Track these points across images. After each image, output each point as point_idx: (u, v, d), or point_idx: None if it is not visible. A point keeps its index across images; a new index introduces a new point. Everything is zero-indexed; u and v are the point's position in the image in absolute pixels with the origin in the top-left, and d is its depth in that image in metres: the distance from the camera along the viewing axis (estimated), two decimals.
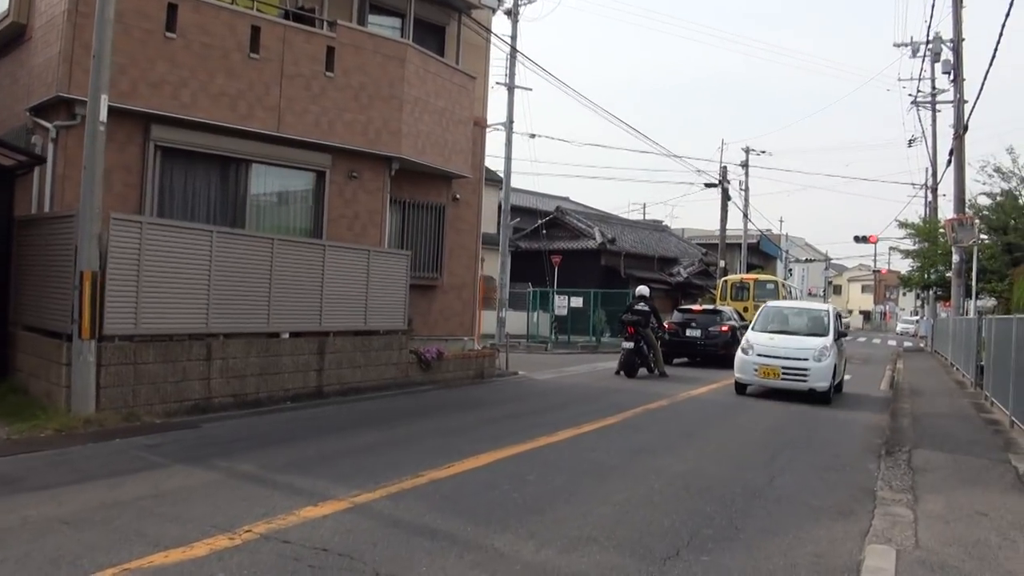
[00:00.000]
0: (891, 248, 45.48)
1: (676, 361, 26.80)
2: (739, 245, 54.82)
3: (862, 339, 59.71)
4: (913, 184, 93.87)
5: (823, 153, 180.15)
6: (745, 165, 53.51)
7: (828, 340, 17.93)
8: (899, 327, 77.14)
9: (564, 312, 35.76)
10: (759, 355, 17.92)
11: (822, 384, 17.18)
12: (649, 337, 21.71)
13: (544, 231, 47.13)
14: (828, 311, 19.87)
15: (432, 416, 13.83)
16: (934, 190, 43.36)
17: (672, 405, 16.32)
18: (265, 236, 14.87)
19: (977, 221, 27.20)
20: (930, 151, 42.87)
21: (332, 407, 14.18)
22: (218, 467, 9.05)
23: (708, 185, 44.48)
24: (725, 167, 44.96)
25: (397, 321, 17.40)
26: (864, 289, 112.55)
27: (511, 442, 11.07)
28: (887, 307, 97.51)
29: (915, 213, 42.90)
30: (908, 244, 41.01)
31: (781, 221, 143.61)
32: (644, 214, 74.23)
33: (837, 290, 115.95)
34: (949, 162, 32.36)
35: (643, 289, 22.66)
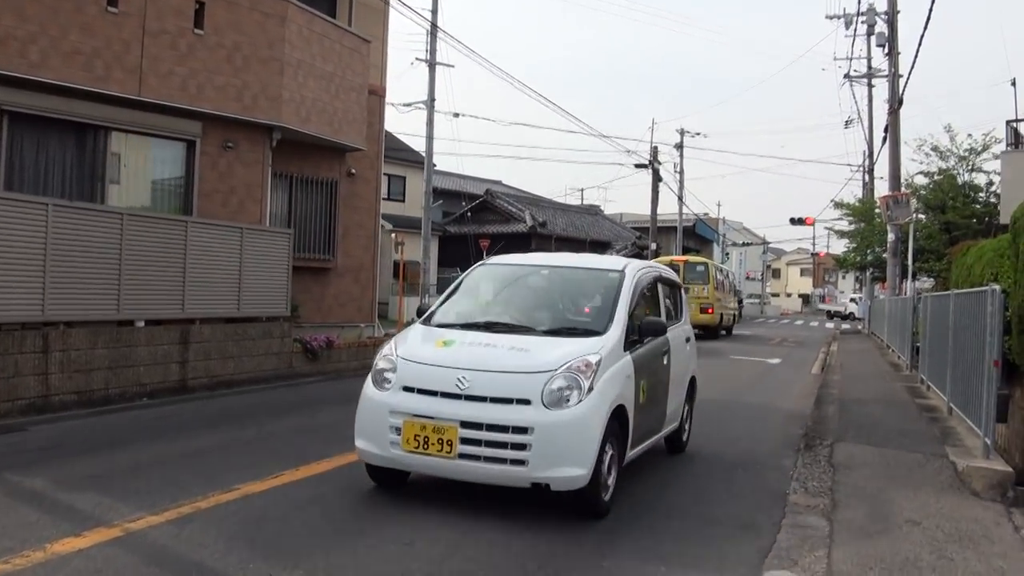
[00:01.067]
0: (827, 228, 43.50)
1: None
2: (675, 228, 53.36)
3: (799, 322, 58.67)
4: (850, 165, 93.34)
5: (759, 136, 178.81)
6: (680, 147, 52.21)
7: (604, 345, 7.19)
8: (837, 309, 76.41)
9: None
10: (406, 390, 7.08)
11: (566, 469, 6.50)
12: None
13: (474, 215, 45.51)
14: (626, 272, 8.34)
15: (301, 412, 12.26)
16: (870, 171, 42.17)
17: None
18: (113, 211, 13.08)
19: (913, 200, 25.76)
20: (866, 132, 41.73)
21: (194, 403, 12.59)
22: (5, 483, 7.36)
23: (638, 166, 42.92)
24: (656, 147, 43.49)
25: (278, 307, 15.64)
26: (803, 272, 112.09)
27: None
28: (826, 290, 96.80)
29: (852, 195, 41.74)
30: (844, 225, 39.67)
31: (719, 205, 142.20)
32: (582, 199, 72.79)
33: (776, 274, 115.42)
34: (885, 140, 31.00)
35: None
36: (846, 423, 11.32)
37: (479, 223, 44.54)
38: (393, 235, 32.84)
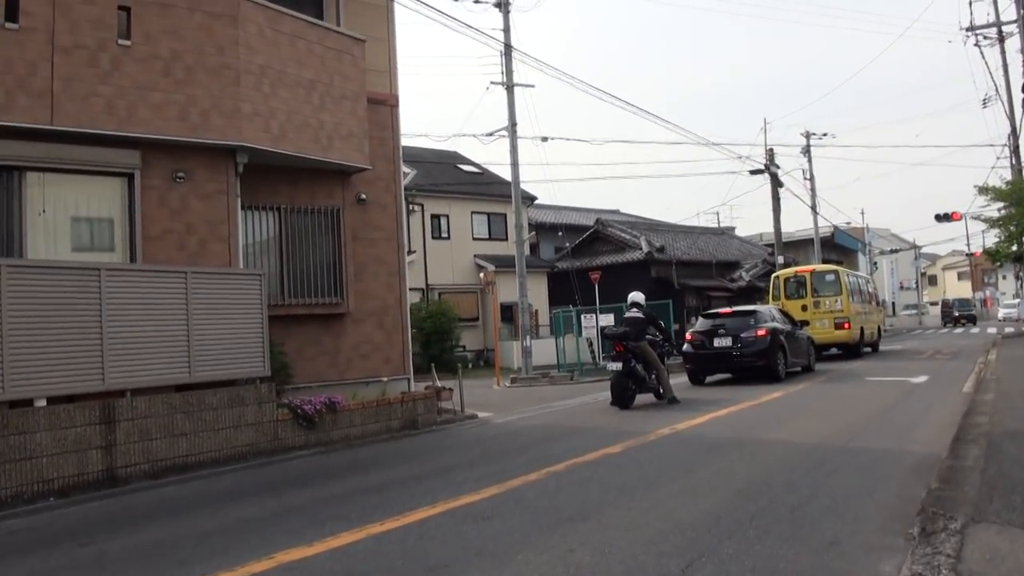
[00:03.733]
0: (971, 217, 37.63)
1: (709, 380, 20.71)
2: (811, 241, 48.11)
3: (959, 330, 52.17)
4: (992, 145, 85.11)
5: (889, 127, 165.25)
6: (807, 151, 47.07)
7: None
8: (1000, 313, 68.84)
9: (593, 333, 29.64)
10: None
11: None
12: (647, 354, 15.88)
13: (586, 246, 41.90)
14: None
15: (265, 495, 9.17)
16: (1016, 150, 36.42)
17: (631, 450, 10.81)
18: None
19: None
20: (1005, 105, 36.14)
21: (124, 498, 9.84)
22: None
23: (754, 172, 38.16)
24: (771, 149, 38.65)
25: (252, 366, 12.31)
26: (960, 276, 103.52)
27: (330, 532, 7.16)
28: (987, 293, 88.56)
29: (999, 178, 35.52)
30: (992, 213, 34.04)
31: (862, 213, 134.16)
32: (718, 220, 67.83)
33: (932, 280, 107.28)
34: None
35: (636, 295, 16.79)
36: (992, 479, 6.98)
37: (592, 255, 40.80)
38: (482, 274, 29.16)
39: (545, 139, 32.59)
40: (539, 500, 8.01)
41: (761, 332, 19.62)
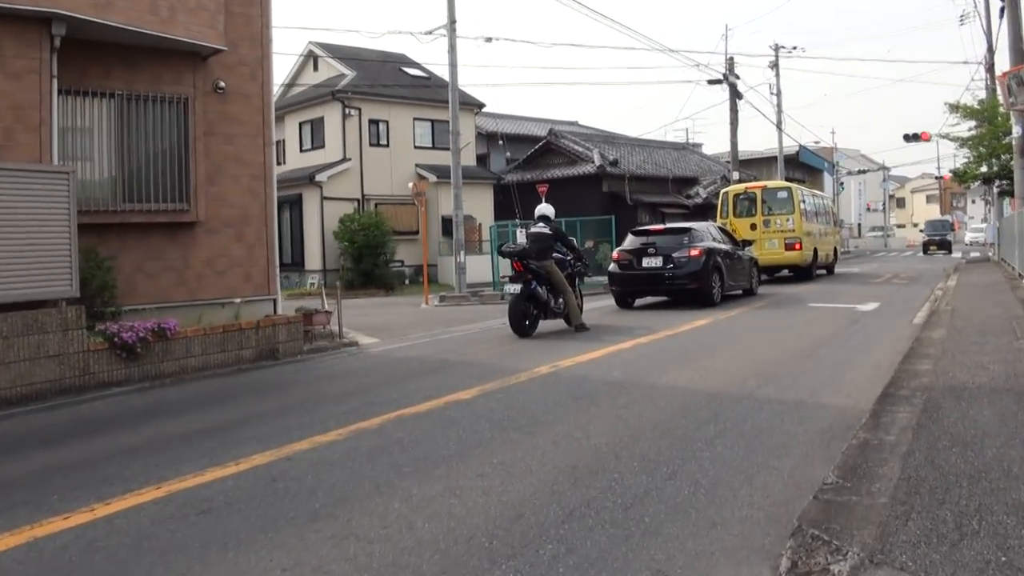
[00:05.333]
0: (939, 135, 35.25)
1: (640, 303, 18.49)
2: (775, 159, 45.80)
3: (922, 254, 50.22)
4: (967, 63, 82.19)
5: (860, 43, 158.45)
6: (775, 65, 44.48)
7: None
8: (967, 237, 67.07)
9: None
10: None
11: None
12: (553, 275, 13.61)
13: (538, 159, 39.53)
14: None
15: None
16: (990, 69, 34.06)
17: (483, 396, 8.62)
18: None
19: None
20: (983, 20, 33.66)
21: None
22: None
23: (712, 82, 35.64)
24: (732, 58, 36.11)
25: (56, 285, 9.86)
26: (929, 199, 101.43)
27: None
28: (955, 216, 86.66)
29: (973, 99, 33.04)
30: (962, 132, 31.73)
31: (832, 132, 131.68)
32: (687, 136, 65.37)
33: (900, 203, 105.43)
34: (1003, 12, 23.23)
35: (544, 207, 14.46)
36: (917, 473, 4.87)
37: (544, 168, 38.38)
38: (411, 184, 26.72)
39: (489, 39, 29.63)
40: (292, 482, 5.81)
41: (695, 252, 17.39)
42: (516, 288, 13.53)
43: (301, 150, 34.96)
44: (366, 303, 25.49)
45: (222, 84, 12.98)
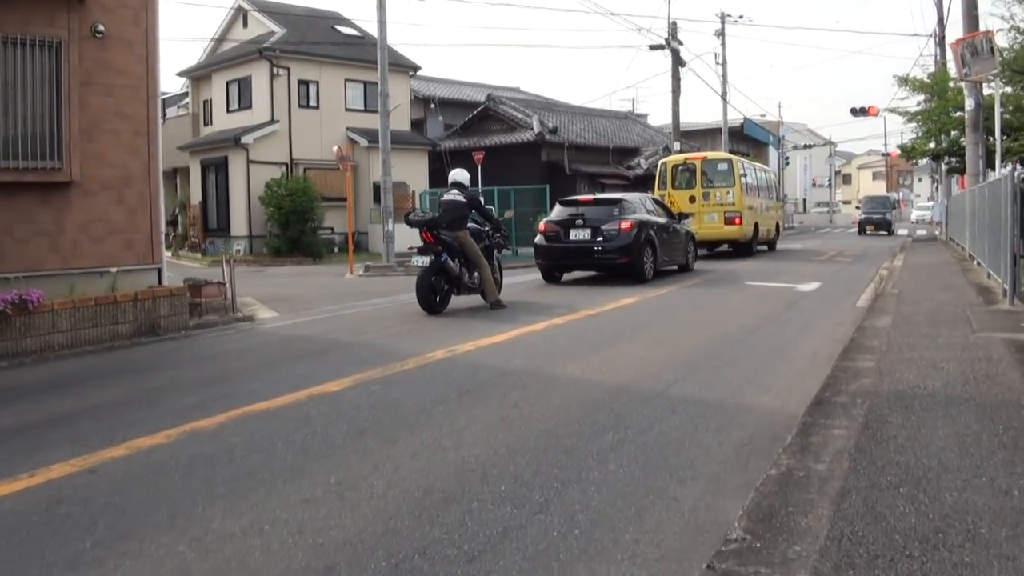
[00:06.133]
0: (887, 110, 34.36)
1: (568, 278, 17.33)
2: (719, 131, 44.78)
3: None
4: (916, 35, 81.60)
5: (808, 15, 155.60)
6: (721, 34, 43.42)
7: None
8: (913, 215, 66.66)
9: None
10: None
11: None
12: (467, 246, 12.42)
13: (476, 125, 38.25)
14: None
15: None
16: (941, 42, 33.28)
17: (354, 389, 7.46)
18: None
19: (997, 45, 17.18)
20: None
21: None
22: None
23: (653, 47, 34.43)
24: (675, 23, 34.83)
25: None
26: (875, 176, 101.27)
27: None
28: (901, 194, 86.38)
29: (923, 72, 32.05)
30: (911, 106, 30.86)
31: (779, 106, 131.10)
32: (634, 107, 64.24)
33: (847, 179, 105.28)
34: None
35: (458, 172, 13.24)
36: (850, 530, 3.77)
37: (482, 134, 36.97)
38: (335, 148, 25.28)
39: None
40: (77, 507, 4.69)
41: (625, 225, 16.24)
42: (424, 260, 12.33)
43: (228, 110, 33.33)
44: (288, 271, 24.19)
45: (101, 28, 11.56)
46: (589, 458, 5.12)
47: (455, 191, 13.05)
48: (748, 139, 51.27)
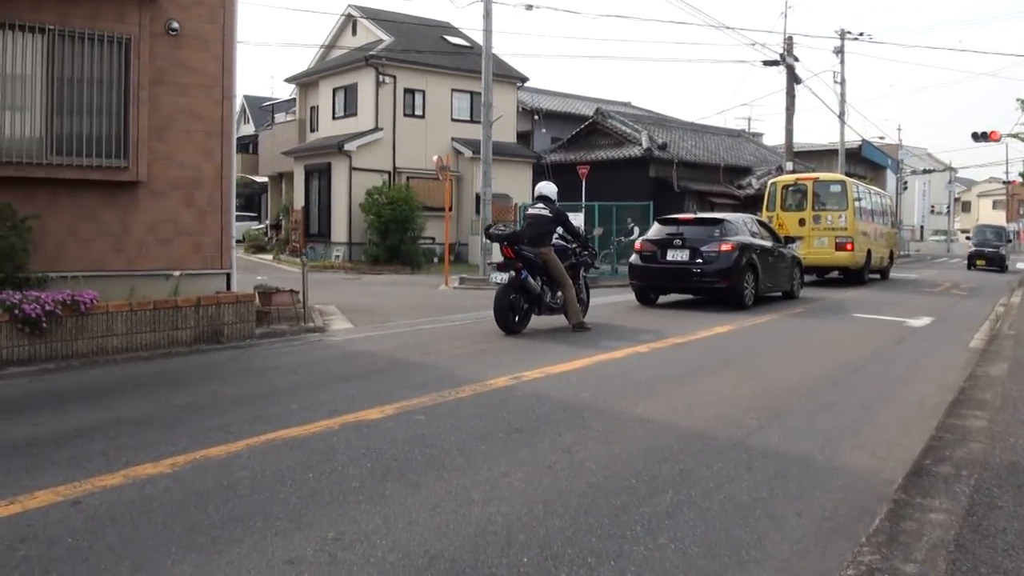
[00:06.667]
0: (1010, 135, 32.41)
1: (663, 300, 16.42)
2: (835, 152, 43.14)
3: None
4: None
5: (930, 33, 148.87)
6: (840, 52, 41.82)
7: None
8: None
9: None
10: None
11: None
12: (551, 264, 11.62)
13: (583, 139, 37.59)
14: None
15: None
16: None
17: (396, 418, 6.70)
18: None
19: None
20: None
21: None
22: None
23: (768, 63, 33.10)
24: (791, 38, 33.45)
25: None
26: (996, 205, 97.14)
27: None
28: (1021, 224, 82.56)
29: None
30: None
31: (899, 128, 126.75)
32: (749, 125, 62.93)
33: (966, 207, 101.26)
34: None
35: (545, 186, 12.46)
36: None
37: (588, 148, 36.23)
38: (435, 158, 24.70)
39: (530, 7, 27.63)
40: (35, 549, 4.07)
41: (726, 247, 15.25)
42: (503, 277, 11.58)
43: (334, 117, 33.17)
44: (383, 280, 23.72)
45: (175, 25, 11.13)
46: (638, 525, 4.28)
47: (540, 205, 12.30)
48: (865, 162, 49.37)
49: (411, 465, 5.30)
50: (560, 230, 12.50)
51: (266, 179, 43.20)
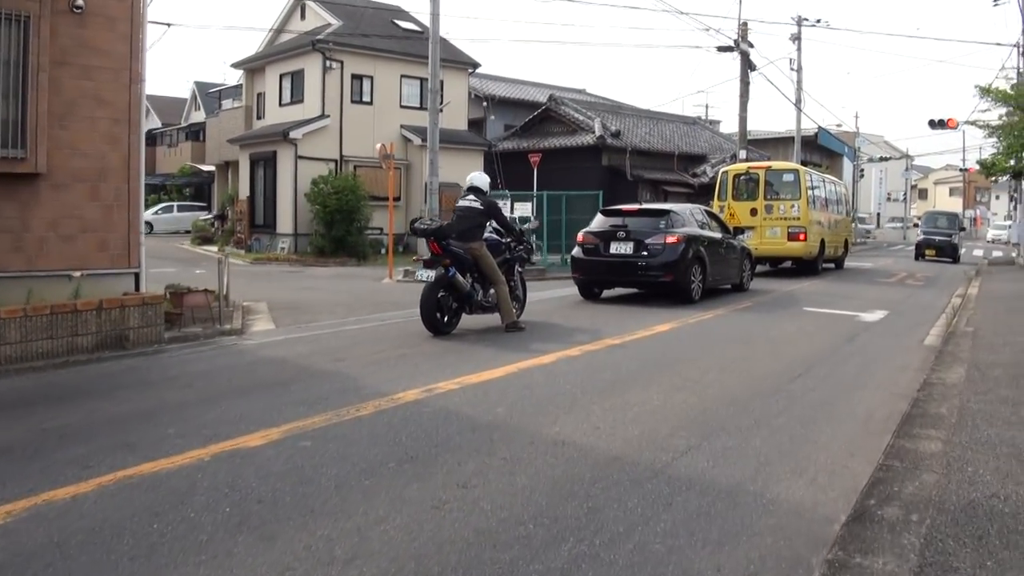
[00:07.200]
0: (968, 123, 31.81)
1: (607, 295, 15.70)
2: (791, 140, 42.60)
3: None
4: (1000, 44, 78.20)
5: (885, 17, 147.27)
6: (797, 39, 41.18)
7: None
8: (989, 234, 63.60)
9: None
10: None
11: None
12: (482, 260, 10.86)
13: (536, 126, 36.76)
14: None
15: None
16: None
17: (298, 437, 5.97)
18: None
19: None
20: (1020, 1, 30.48)
21: None
22: None
23: (722, 49, 32.40)
24: (745, 23, 32.75)
25: None
26: (952, 192, 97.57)
27: None
28: (978, 211, 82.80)
29: (1006, 82, 29.68)
30: (992, 118, 28.54)
31: (856, 116, 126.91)
32: (707, 112, 62.44)
33: (923, 194, 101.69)
34: None
35: (476, 176, 11.69)
36: None
37: (541, 136, 35.48)
38: (378, 146, 23.83)
39: None
40: None
41: (671, 239, 14.55)
42: (429, 274, 10.80)
43: (280, 104, 32.17)
44: (326, 273, 22.86)
45: (80, 2, 10.26)
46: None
47: (471, 197, 11.52)
48: (822, 149, 48.94)
49: (276, 509, 4.51)
50: (493, 223, 11.68)
51: (213, 168, 42.05)
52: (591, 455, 5.56)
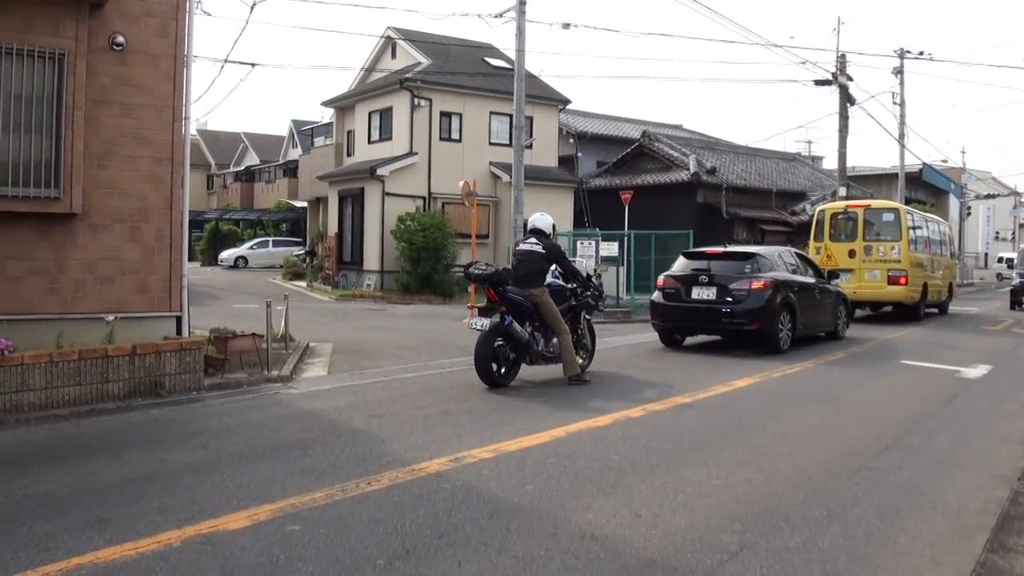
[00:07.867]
0: None
1: (690, 342, 14.71)
2: (895, 176, 40.88)
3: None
4: None
5: (992, 49, 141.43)
6: (899, 72, 39.60)
7: None
8: None
9: (590, 264, 23.40)
10: None
11: None
12: (543, 308, 10.03)
13: (629, 163, 36.02)
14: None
15: None
16: None
17: (284, 519, 5.11)
18: None
19: None
20: None
21: None
22: None
23: (819, 83, 31.07)
24: (843, 56, 31.36)
25: None
26: None
27: None
28: None
29: None
30: None
31: (963, 152, 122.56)
32: (809, 149, 60.89)
33: None
34: None
35: (538, 218, 10.83)
36: None
37: (634, 173, 34.66)
38: (462, 183, 23.20)
39: (567, 26, 25.98)
40: None
41: (757, 284, 13.51)
42: (483, 323, 9.96)
43: (369, 141, 31.93)
44: (408, 311, 22.33)
45: (120, 39, 9.75)
46: None
47: (532, 240, 10.69)
48: (927, 186, 46.88)
49: None
50: (556, 268, 10.82)
51: (306, 204, 42.14)
52: (621, 555, 4.64)
